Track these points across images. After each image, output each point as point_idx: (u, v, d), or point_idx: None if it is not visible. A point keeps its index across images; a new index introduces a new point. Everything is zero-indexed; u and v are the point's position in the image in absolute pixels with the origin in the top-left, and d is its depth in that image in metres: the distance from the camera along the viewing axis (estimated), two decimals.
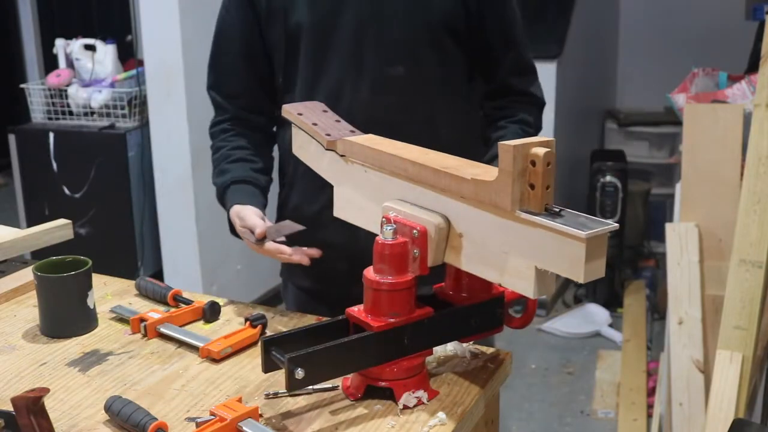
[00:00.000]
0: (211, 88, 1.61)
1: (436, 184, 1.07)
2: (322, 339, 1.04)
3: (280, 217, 1.61)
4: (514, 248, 0.99)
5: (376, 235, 1.08)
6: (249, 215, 1.42)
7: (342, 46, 1.47)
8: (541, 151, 0.95)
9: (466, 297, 1.14)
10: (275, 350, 1.03)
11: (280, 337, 1.05)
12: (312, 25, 1.48)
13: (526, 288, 0.99)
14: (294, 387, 1.00)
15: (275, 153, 1.65)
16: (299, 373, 0.99)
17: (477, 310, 1.13)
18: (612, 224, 0.93)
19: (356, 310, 1.08)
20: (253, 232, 1.38)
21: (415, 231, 1.07)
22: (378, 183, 1.18)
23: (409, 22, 1.47)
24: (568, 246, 0.92)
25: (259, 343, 1.05)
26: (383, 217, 1.12)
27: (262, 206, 1.49)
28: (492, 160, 1.45)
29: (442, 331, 1.12)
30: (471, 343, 1.22)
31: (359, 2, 1.46)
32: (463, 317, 1.13)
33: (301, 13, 1.48)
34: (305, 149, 1.32)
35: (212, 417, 1.02)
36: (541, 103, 1.61)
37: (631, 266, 4.16)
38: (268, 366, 1.05)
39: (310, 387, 1.10)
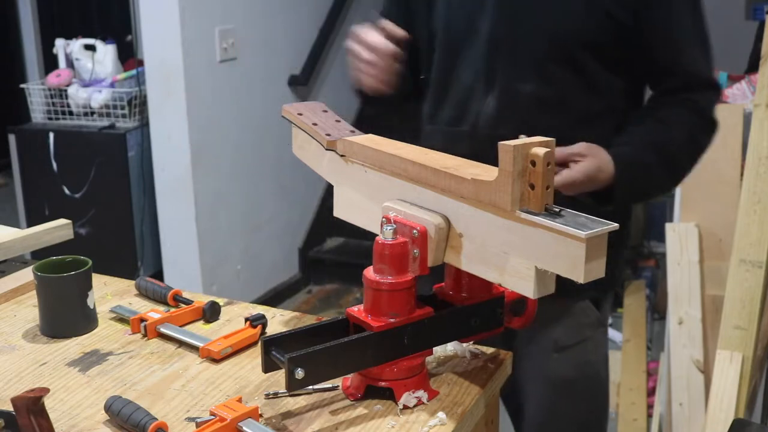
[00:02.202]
0: None
1: (436, 184, 1.07)
2: (322, 339, 1.03)
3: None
4: (514, 248, 0.99)
5: None
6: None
7: (474, 56, 1.44)
8: (541, 151, 0.95)
9: (466, 297, 1.13)
10: (275, 350, 1.03)
11: (280, 337, 1.05)
12: (448, 31, 1.46)
13: (526, 288, 0.99)
14: (294, 387, 1.00)
15: None
16: (299, 373, 0.99)
17: (477, 310, 1.13)
18: (612, 224, 0.93)
19: (356, 310, 1.08)
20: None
21: (415, 231, 1.07)
22: (378, 183, 1.18)
23: (541, 36, 1.38)
24: (568, 246, 0.92)
25: (259, 343, 1.05)
26: (383, 217, 1.12)
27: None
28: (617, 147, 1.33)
29: (442, 331, 1.12)
30: (471, 343, 1.22)
31: (496, 12, 1.41)
32: (463, 317, 1.12)
33: (440, 14, 1.47)
34: (305, 149, 1.32)
35: (212, 417, 1.02)
36: (703, 112, 1.41)
37: (631, 266, 4.15)
38: (268, 366, 1.05)
39: (310, 387, 1.10)
